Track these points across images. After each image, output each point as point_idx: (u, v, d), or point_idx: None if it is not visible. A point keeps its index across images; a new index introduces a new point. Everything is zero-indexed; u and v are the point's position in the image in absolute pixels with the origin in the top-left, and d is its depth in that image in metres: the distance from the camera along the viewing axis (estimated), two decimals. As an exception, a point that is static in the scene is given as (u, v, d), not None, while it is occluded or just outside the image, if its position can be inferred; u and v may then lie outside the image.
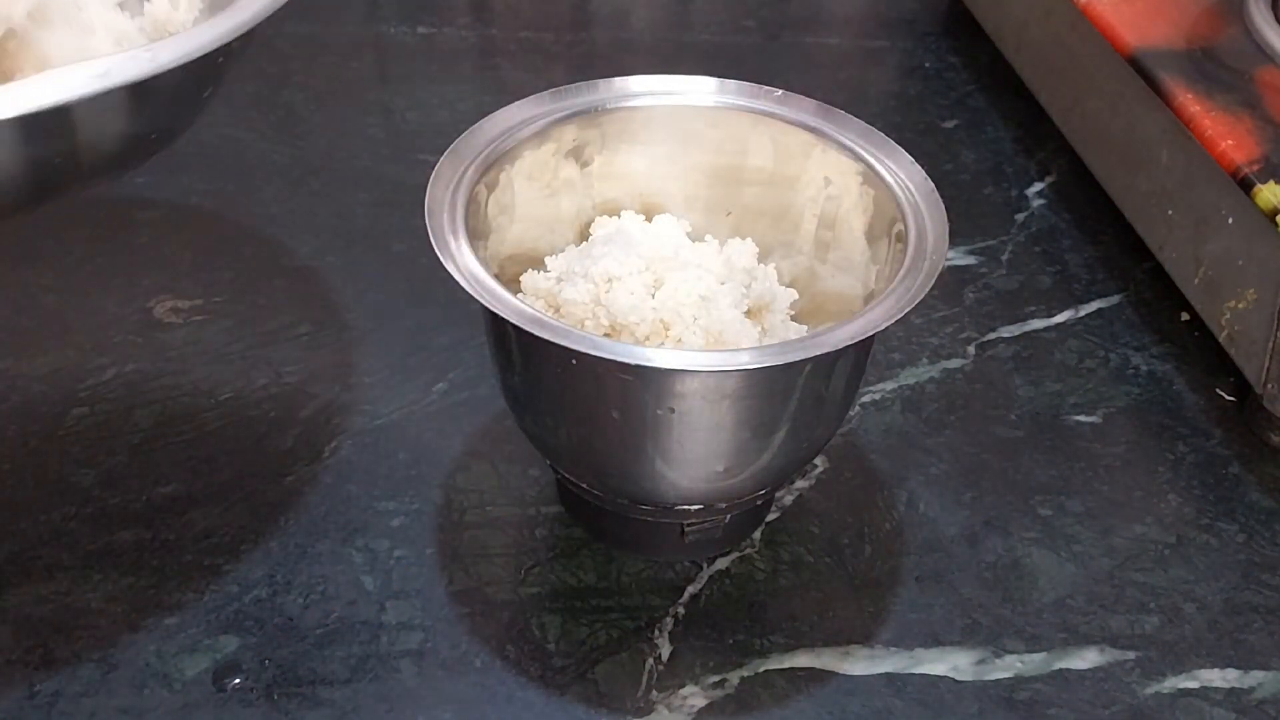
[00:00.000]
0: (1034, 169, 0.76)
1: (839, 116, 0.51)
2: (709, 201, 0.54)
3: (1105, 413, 0.60)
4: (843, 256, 0.51)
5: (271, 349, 0.61)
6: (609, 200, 0.53)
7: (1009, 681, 0.48)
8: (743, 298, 0.48)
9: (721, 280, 0.48)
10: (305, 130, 0.76)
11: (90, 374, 0.59)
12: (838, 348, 0.42)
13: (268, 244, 0.68)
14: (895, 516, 0.54)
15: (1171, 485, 0.56)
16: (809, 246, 0.52)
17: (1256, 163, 0.55)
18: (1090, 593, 0.51)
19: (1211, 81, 0.60)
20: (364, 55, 0.85)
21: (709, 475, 0.45)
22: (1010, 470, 0.57)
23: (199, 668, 0.47)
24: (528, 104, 0.50)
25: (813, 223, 0.52)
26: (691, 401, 0.42)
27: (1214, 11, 0.66)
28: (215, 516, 0.52)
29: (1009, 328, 0.64)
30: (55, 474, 0.54)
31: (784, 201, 0.52)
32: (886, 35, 0.89)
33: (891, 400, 0.60)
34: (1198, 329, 0.63)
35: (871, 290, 0.49)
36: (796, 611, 0.50)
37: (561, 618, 0.49)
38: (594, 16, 0.92)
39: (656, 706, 0.47)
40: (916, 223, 0.47)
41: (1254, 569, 0.53)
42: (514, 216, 0.50)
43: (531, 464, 0.55)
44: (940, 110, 0.80)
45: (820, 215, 0.52)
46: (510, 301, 0.42)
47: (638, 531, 0.50)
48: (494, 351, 0.47)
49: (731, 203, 0.54)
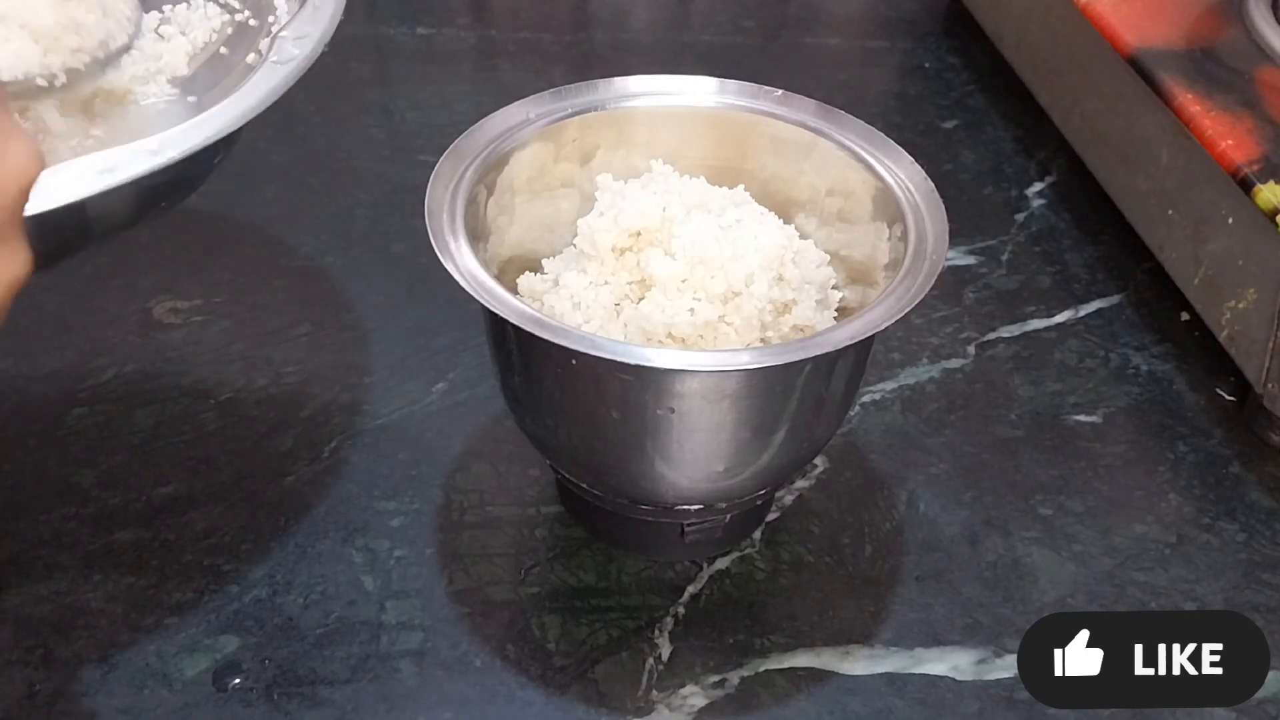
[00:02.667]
0: (1034, 169, 0.76)
1: (839, 116, 0.51)
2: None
3: (1105, 412, 0.60)
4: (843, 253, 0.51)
5: (271, 349, 0.61)
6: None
7: (1009, 681, 0.48)
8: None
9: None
10: (305, 130, 0.76)
11: (90, 374, 0.59)
12: (838, 348, 0.42)
13: (268, 244, 0.67)
14: (895, 516, 0.54)
15: (1172, 485, 0.56)
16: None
17: (1256, 163, 0.55)
18: (1090, 592, 0.51)
19: (1211, 81, 0.60)
20: (364, 55, 0.85)
21: (709, 475, 0.45)
22: (1010, 470, 0.57)
23: (199, 668, 0.47)
24: (528, 104, 0.50)
25: (813, 222, 0.52)
26: (691, 401, 0.42)
27: (1214, 11, 0.66)
28: (215, 516, 0.52)
29: (1009, 328, 0.64)
30: (55, 474, 0.54)
31: (783, 201, 0.52)
32: (886, 35, 0.89)
33: (891, 400, 0.60)
34: (1198, 329, 0.63)
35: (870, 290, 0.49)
36: (796, 611, 0.50)
37: (561, 618, 0.49)
38: (594, 16, 0.92)
39: (656, 706, 0.47)
40: (916, 223, 0.46)
41: (1254, 568, 0.53)
42: (514, 217, 0.50)
43: (531, 464, 0.55)
44: (940, 110, 0.80)
45: (820, 215, 0.52)
46: (510, 301, 0.42)
47: (638, 531, 0.50)
48: (494, 351, 0.47)
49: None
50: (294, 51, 0.45)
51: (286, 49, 0.46)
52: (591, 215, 0.48)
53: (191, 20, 0.57)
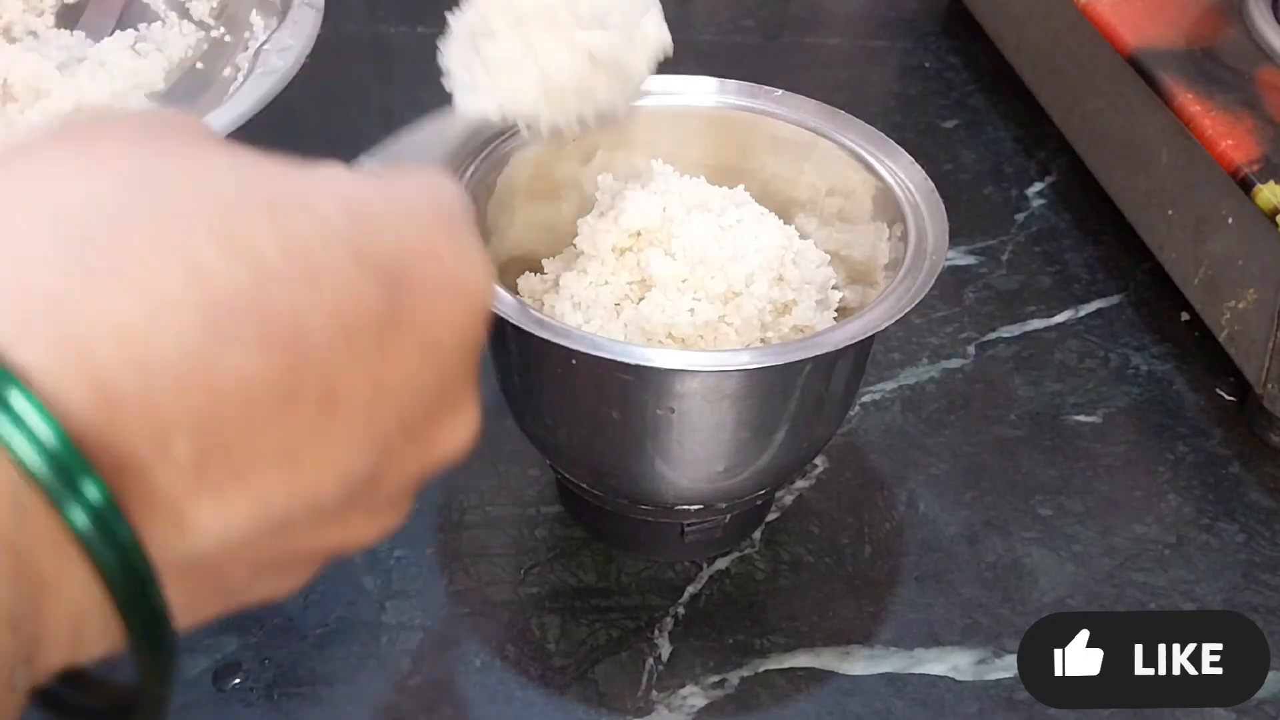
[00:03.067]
0: (1034, 169, 0.75)
1: (839, 116, 0.51)
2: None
3: (1105, 413, 0.60)
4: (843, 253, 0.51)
5: (271, 349, 0.61)
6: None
7: (1009, 681, 0.48)
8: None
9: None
10: (305, 130, 0.76)
11: (90, 374, 0.59)
12: (837, 348, 0.42)
13: (268, 244, 0.67)
14: (895, 516, 0.54)
15: (1171, 485, 0.56)
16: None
17: (1256, 163, 0.55)
18: (1090, 593, 0.51)
19: (1211, 81, 0.60)
20: (364, 55, 0.85)
21: (709, 475, 0.45)
22: (1010, 470, 0.57)
23: (199, 668, 0.47)
24: (528, 104, 0.50)
25: (813, 222, 0.52)
26: (691, 401, 0.42)
27: (1214, 11, 0.66)
28: (215, 516, 0.52)
29: (1009, 328, 0.64)
30: (55, 474, 0.54)
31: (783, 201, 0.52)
32: (886, 35, 0.89)
33: (891, 400, 0.60)
34: (1198, 329, 0.63)
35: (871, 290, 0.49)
36: (796, 611, 0.50)
37: (561, 618, 0.49)
38: (594, 16, 0.92)
39: (656, 706, 0.47)
40: (916, 223, 0.46)
41: (1254, 569, 0.53)
42: (514, 218, 0.50)
43: (531, 464, 0.55)
44: (940, 110, 0.80)
45: (820, 215, 0.52)
46: (510, 301, 0.42)
47: (638, 531, 0.50)
48: (494, 351, 0.47)
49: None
50: (278, 63, 0.48)
51: (271, 61, 0.49)
52: (591, 215, 0.48)
53: (168, 38, 0.59)
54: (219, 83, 0.56)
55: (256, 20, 0.55)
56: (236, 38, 0.56)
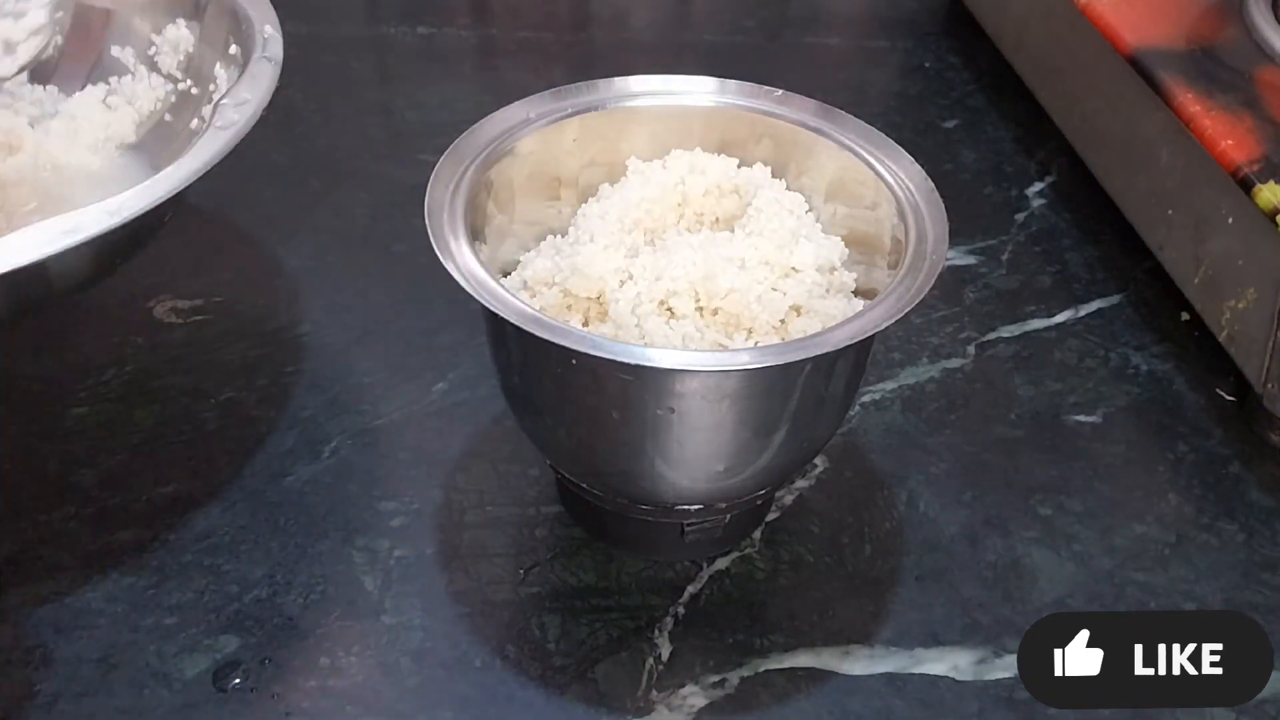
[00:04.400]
0: (1034, 169, 0.76)
1: (839, 116, 0.51)
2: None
3: (1105, 412, 0.60)
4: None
5: (271, 349, 0.61)
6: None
7: (1009, 681, 0.48)
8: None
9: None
10: (305, 130, 0.76)
11: (90, 374, 0.59)
12: (838, 348, 0.42)
13: (268, 244, 0.67)
14: (895, 516, 0.54)
15: (1171, 485, 0.56)
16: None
17: (1256, 162, 0.55)
18: (1090, 592, 0.51)
19: (1211, 81, 0.60)
20: (364, 55, 0.85)
21: (709, 475, 0.45)
22: (1010, 470, 0.57)
23: (199, 668, 0.47)
24: (528, 104, 0.50)
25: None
26: (691, 401, 0.42)
27: (1214, 11, 0.66)
28: (215, 516, 0.52)
29: (1009, 327, 0.64)
30: (55, 474, 0.54)
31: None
32: (886, 35, 0.89)
33: (891, 400, 0.60)
34: (1198, 329, 0.63)
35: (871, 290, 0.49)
36: (796, 611, 0.50)
37: (561, 618, 0.49)
38: (594, 16, 0.92)
39: (656, 706, 0.47)
40: (916, 223, 0.47)
41: (1254, 568, 0.53)
42: (514, 217, 0.50)
43: (531, 464, 0.55)
44: (940, 110, 0.80)
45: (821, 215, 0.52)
46: (510, 301, 0.42)
47: (638, 531, 0.50)
48: (494, 351, 0.47)
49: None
50: (234, 117, 0.49)
51: (228, 114, 0.49)
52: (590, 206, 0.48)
53: (137, 91, 0.61)
54: (184, 134, 0.58)
55: (220, 73, 0.57)
56: (202, 90, 0.58)
